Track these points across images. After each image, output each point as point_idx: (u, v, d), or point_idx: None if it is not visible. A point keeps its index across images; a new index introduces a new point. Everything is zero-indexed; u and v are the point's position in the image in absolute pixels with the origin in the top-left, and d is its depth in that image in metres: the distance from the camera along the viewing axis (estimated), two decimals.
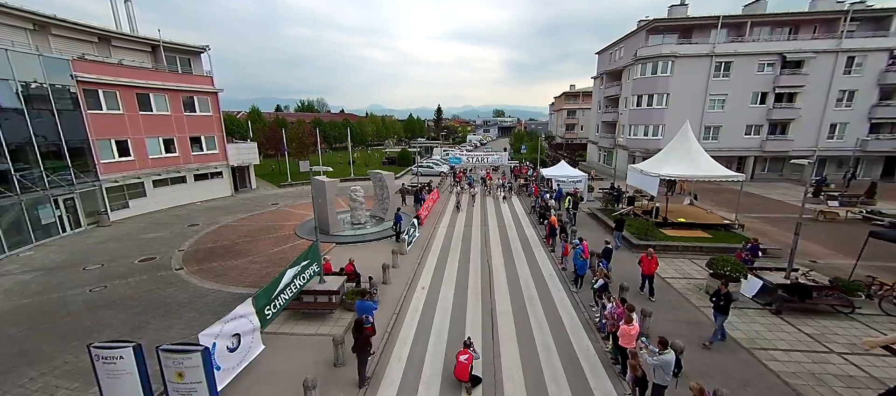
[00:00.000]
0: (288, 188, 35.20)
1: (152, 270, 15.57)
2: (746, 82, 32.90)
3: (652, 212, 20.13)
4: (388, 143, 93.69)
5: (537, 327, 10.84)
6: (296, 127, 47.14)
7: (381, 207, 22.42)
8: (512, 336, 10.34)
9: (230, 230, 21.39)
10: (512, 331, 10.58)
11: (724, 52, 32.47)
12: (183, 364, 6.53)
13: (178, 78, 27.02)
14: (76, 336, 10.62)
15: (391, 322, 11.10)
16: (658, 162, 20.32)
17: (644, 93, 35.19)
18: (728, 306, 9.45)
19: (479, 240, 18.63)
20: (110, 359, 6.57)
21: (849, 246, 16.38)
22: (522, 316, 11.45)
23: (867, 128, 32.78)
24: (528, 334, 10.43)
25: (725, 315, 9.50)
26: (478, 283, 13.70)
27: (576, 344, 9.96)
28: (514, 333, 10.47)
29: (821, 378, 8.43)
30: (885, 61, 31.06)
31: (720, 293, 9.50)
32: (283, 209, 26.67)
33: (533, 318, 11.32)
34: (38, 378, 8.85)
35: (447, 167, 42.40)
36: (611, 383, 8.43)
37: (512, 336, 10.34)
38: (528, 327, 10.81)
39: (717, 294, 9.56)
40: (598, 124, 48.46)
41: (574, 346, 9.89)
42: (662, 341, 7.35)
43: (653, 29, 35.22)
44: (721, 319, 9.55)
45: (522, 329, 10.70)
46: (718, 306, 9.46)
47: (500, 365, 9.02)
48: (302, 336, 10.42)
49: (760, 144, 34.06)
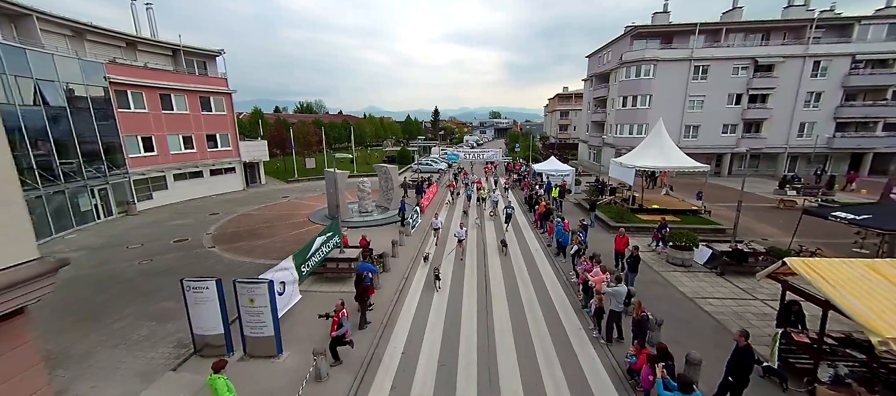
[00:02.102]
0: (294, 183, 37.32)
1: (188, 249, 17.71)
2: (722, 84, 35.54)
3: (629, 200, 22.52)
4: (387, 144, 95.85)
5: (523, 287, 13.09)
6: (301, 127, 49.22)
7: (385, 197, 24.62)
8: (502, 294, 12.51)
9: (248, 218, 23.52)
10: (502, 291, 12.78)
11: (701, 57, 35.09)
12: (254, 292, 8.73)
13: (195, 79, 29.14)
14: (138, 296, 12.76)
15: (400, 285, 13.30)
16: (635, 155, 22.72)
17: (629, 94, 37.73)
18: (636, 265, 12.15)
19: (475, 225, 20.87)
20: (198, 289, 8.77)
21: (812, 231, 18.79)
22: (511, 279, 13.70)
23: (833, 127, 35.49)
24: (516, 293, 12.65)
25: (635, 272, 12.21)
26: (474, 257, 15.93)
27: (553, 297, 12.25)
28: (504, 292, 12.68)
29: (741, 315, 10.79)
30: (848, 65, 33.79)
31: (633, 255, 12.04)
32: (293, 201, 28.81)
33: (520, 281, 13.57)
34: (119, 321, 11.00)
35: (445, 165, 44.70)
36: (578, 319, 10.74)
37: (502, 294, 12.51)
38: (516, 288, 13.05)
39: (632, 256, 12.11)
40: (588, 124, 51.01)
41: (552, 298, 12.17)
42: (617, 277, 9.69)
43: (637, 34, 37.80)
44: (632, 276, 12.07)
45: (511, 289, 12.93)
46: (631, 265, 12.12)
47: (492, 318, 11.10)
48: (327, 293, 12.60)
49: (736, 142, 36.69)
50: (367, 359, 9.07)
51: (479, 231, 19.61)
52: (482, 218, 21.89)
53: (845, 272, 7.49)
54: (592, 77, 48.60)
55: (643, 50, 36.76)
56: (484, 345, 9.60)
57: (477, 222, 21.08)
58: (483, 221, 21.40)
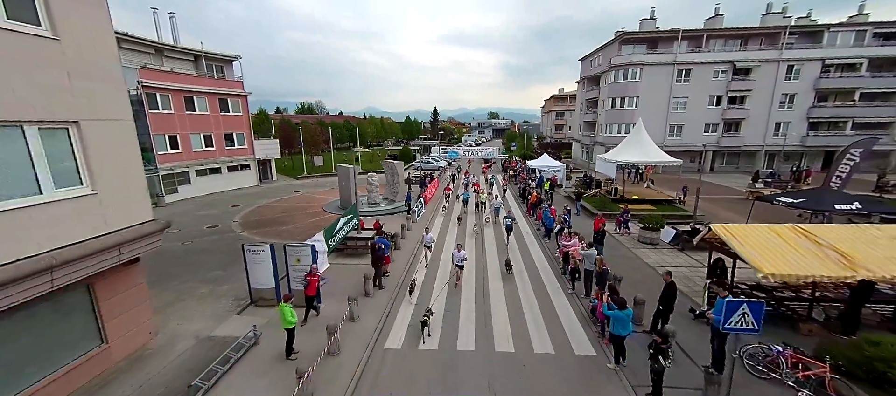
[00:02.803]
0: (304, 179, 39.69)
1: (220, 233, 20.08)
2: (704, 86, 38.14)
3: (613, 191, 25.02)
4: (387, 144, 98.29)
5: (515, 262, 15.49)
6: (308, 128, 51.60)
7: (392, 191, 27.02)
8: (497, 271, 14.78)
9: (268, 209, 25.90)
10: (496, 269, 15.10)
11: (684, 61, 37.68)
12: (300, 254, 11.15)
13: (215, 83, 31.50)
14: (190, 266, 15.14)
15: (409, 260, 15.71)
16: (618, 152, 25.23)
17: (617, 95, 40.29)
18: (602, 238, 14.90)
19: (472, 214, 23.31)
20: (256, 252, 11.18)
21: (763, 215, 21.30)
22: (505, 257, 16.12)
23: (806, 126, 38.13)
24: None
25: (601, 243, 14.85)
26: (472, 241, 18.32)
27: (539, 267, 14.72)
28: (498, 269, 15.01)
29: (689, 277, 13.29)
30: (819, 69, 36.43)
31: (600, 231, 14.61)
32: (305, 194, 31.19)
33: (512, 258, 15.97)
34: (182, 284, 13.39)
35: (445, 163, 47.17)
36: (557, 281, 13.20)
37: (497, 271, 14.78)
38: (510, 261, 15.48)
39: (599, 231, 14.65)
40: (580, 124, 53.56)
41: (538, 268, 14.63)
42: (589, 244, 12.15)
43: (625, 40, 40.37)
44: (599, 246, 14.57)
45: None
46: (598, 239, 14.76)
47: (488, 290, 13.44)
48: (348, 265, 15.00)
49: (717, 141, 39.29)
50: (386, 310, 11.48)
51: (477, 240, 18.06)
52: (480, 225, 19.99)
53: (751, 233, 9.97)
54: (585, 79, 51.17)
55: (631, 54, 39.35)
56: (480, 301, 12.00)
57: (475, 230, 19.20)
58: (481, 229, 19.48)
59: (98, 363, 8.43)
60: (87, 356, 8.21)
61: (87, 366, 8.17)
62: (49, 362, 7.57)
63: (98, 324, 8.53)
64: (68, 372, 7.77)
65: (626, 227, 18.32)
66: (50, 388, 7.39)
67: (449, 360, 9.00)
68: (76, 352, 8.07)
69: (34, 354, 7.33)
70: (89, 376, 8.21)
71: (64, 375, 7.69)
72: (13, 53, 6.33)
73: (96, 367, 8.38)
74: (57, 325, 7.76)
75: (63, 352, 7.83)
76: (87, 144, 7.50)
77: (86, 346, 8.30)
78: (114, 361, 8.75)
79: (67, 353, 7.91)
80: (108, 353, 8.66)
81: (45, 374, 7.43)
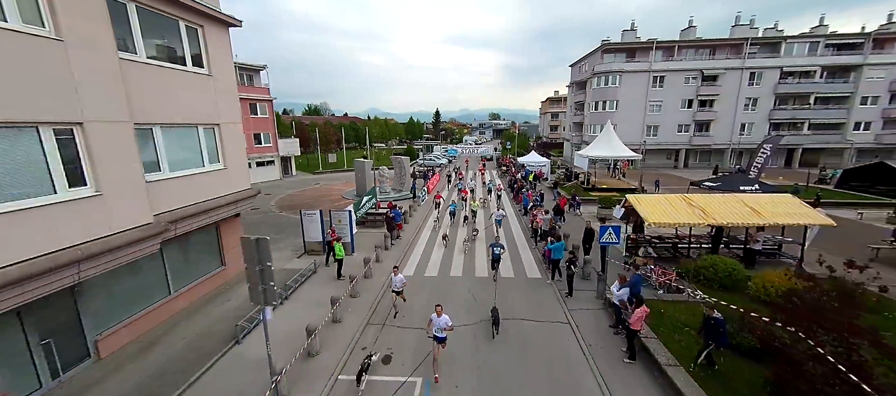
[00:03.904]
0: (320, 175, 44.55)
1: (261, 213, 24.88)
2: (677, 91, 42.70)
3: (586, 181, 29.69)
4: (391, 143, 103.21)
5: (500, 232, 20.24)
6: (322, 128, 56.57)
7: (400, 182, 31.79)
8: (481, 239, 19.62)
9: (295, 197, 30.73)
10: (482, 232, 19.93)
11: (658, 69, 42.27)
12: (340, 216, 15.92)
13: (246, 89, 36.38)
14: (252, 233, 19.94)
15: (416, 232, 20.44)
16: (590, 148, 29.92)
17: (600, 99, 44.91)
18: (560, 212, 19.22)
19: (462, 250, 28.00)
20: (310, 215, 15.96)
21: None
22: (491, 230, 20.87)
23: (768, 127, 42.63)
24: (493, 234, 19.84)
25: (559, 215, 19.21)
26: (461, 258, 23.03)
27: (515, 235, 19.42)
28: (484, 237, 19.79)
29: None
30: (778, 76, 40.94)
31: (559, 207, 19.26)
32: (324, 186, 36.01)
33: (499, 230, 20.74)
34: None
35: (446, 160, 51.98)
36: (526, 242, 17.91)
37: (481, 239, 19.62)
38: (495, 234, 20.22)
39: (557, 206, 19.32)
40: (570, 124, 58.19)
41: (514, 236, 19.33)
42: (548, 212, 16.88)
43: (607, 49, 44.99)
44: (557, 217, 19.22)
45: (491, 236, 20.10)
46: (558, 212, 19.25)
47: (475, 242, 18.29)
48: (371, 233, 19.72)
49: (689, 140, 43.84)
50: (399, 257, 16.22)
51: (467, 258, 16.00)
52: (470, 237, 18.14)
53: (650, 200, 14.68)
54: (574, 84, 55.82)
55: (611, 62, 43.97)
56: (469, 256, 16.72)
57: (466, 246, 17.21)
58: (472, 244, 17.59)
59: (221, 277, 13.23)
60: (216, 272, 13.02)
61: (216, 278, 12.98)
62: (199, 271, 12.38)
63: (220, 253, 13.35)
64: (209, 278, 12.57)
65: (578, 208, 22.84)
66: (201, 286, 12.19)
67: (444, 282, 13.73)
68: (212, 268, 12.89)
69: (194, 264, 12.14)
70: (217, 283, 13.01)
71: (208, 279, 12.50)
72: (197, 85, 11.13)
73: (220, 279, 13.18)
74: (204, 249, 12.58)
75: (208, 265, 12.66)
76: (224, 139, 12.30)
77: (216, 266, 13.11)
78: (228, 277, 13.56)
79: (209, 266, 12.72)
80: (226, 272, 13.47)
81: (199, 278, 12.23)
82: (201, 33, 11.35)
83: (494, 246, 13.62)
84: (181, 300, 11.49)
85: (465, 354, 9.30)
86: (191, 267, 12.14)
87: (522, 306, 11.71)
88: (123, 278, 9.61)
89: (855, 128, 41.22)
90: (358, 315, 11.28)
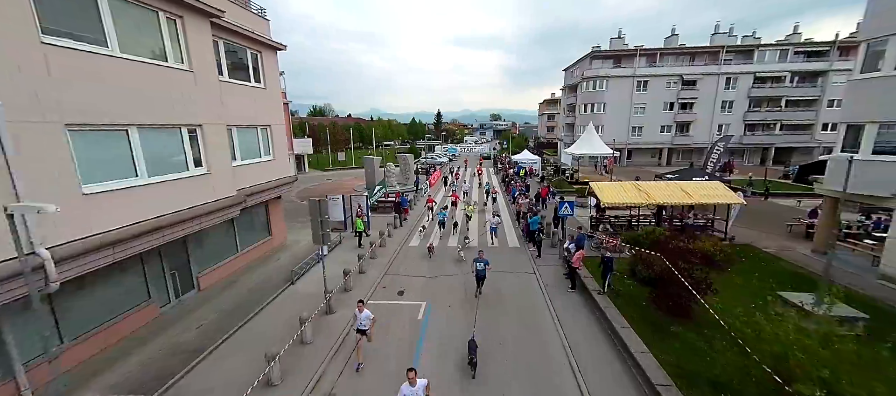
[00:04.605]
0: (330, 171, 48.36)
1: (286, 202, 28.61)
2: (659, 95, 46.29)
3: (570, 176, 33.35)
4: (394, 144, 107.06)
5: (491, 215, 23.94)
6: (333, 129, 60.46)
7: (405, 176, 35.49)
8: (476, 217, 23.38)
9: (312, 190, 34.50)
10: (476, 217, 23.64)
11: (642, 74, 45.87)
12: (359, 201, 19.65)
13: None
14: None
15: (419, 215, 24.17)
16: (574, 147, 33.58)
17: (589, 102, 48.55)
18: (543, 200, 22.79)
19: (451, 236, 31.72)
20: (334, 199, 19.71)
21: None
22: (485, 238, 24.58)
23: (743, 128, 46.16)
24: (485, 214, 23.56)
25: (542, 203, 22.83)
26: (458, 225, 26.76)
27: (503, 218, 23.11)
28: (475, 217, 23.53)
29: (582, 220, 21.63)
30: (751, 81, 44.49)
31: (539, 196, 22.91)
32: (336, 181, 39.80)
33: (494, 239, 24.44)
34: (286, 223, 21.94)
35: (447, 158, 55.75)
36: (511, 222, 21.61)
37: (476, 217, 23.38)
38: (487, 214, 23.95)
39: (537, 193, 22.97)
40: (563, 125, 61.83)
41: (503, 218, 23.03)
42: (529, 198, 20.58)
43: (595, 56, 48.65)
44: (540, 204, 22.87)
45: (484, 217, 23.81)
46: (540, 199, 22.88)
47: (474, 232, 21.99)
48: (382, 216, 23.46)
49: (671, 140, 47.42)
50: (406, 232, 19.93)
51: (460, 271, 14.55)
52: (461, 245, 16.64)
53: (607, 186, 18.37)
54: (566, 87, 59.46)
55: (599, 68, 47.62)
56: (463, 228, 20.43)
57: (461, 254, 15.87)
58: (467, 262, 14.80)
59: (267, 245, 16.98)
60: (265, 240, 16.77)
61: (265, 245, 16.73)
62: (255, 238, 16.14)
63: (268, 226, 17.12)
64: (259, 246, 16.32)
65: (555, 197, 26.49)
66: (255, 250, 15.95)
67: (440, 253, 17.43)
68: (263, 236, 16.66)
69: (252, 232, 15.90)
70: (266, 249, 16.76)
71: (260, 245, 16.26)
72: (257, 96, 14.90)
73: (267, 247, 16.93)
74: (258, 222, 16.36)
75: (258, 234, 16.43)
76: (274, 137, 16.05)
77: (264, 236, 16.88)
78: (273, 246, 17.32)
79: (256, 237, 16.47)
80: (271, 241, 17.23)
81: (255, 243, 16.00)
82: (261, 57, 15.11)
83: (478, 260, 11.79)
84: (244, 258, 15.24)
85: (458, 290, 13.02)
86: (250, 234, 15.90)
87: (505, 264, 15.36)
88: (212, 236, 13.36)
89: (823, 128, 44.67)
90: (377, 269, 15.02)
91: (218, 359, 9.35)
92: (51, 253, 7.09)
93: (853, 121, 13.25)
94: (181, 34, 10.35)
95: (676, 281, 9.53)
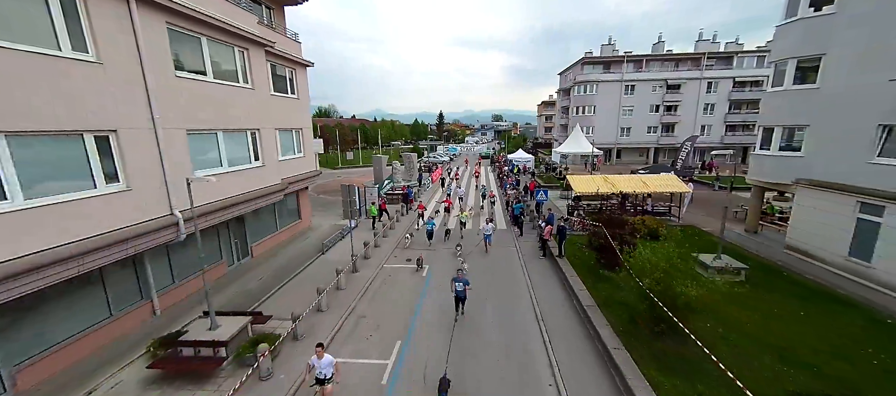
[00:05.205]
0: (339, 170, 52.02)
1: None
2: (645, 98, 49.64)
3: (559, 173, 36.82)
4: (398, 144, 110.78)
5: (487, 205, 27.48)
6: (341, 130, 64.22)
7: (408, 174, 39.09)
8: (470, 223, 26.92)
9: (326, 185, 38.16)
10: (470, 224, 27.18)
11: (630, 79, 49.25)
12: (372, 192, 23.25)
13: None
14: None
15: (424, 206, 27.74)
16: (563, 146, 37.05)
17: (580, 105, 51.97)
18: (531, 193, 26.24)
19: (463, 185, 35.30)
20: (351, 190, 23.33)
21: None
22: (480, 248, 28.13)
23: (724, 129, 49.43)
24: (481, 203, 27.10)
25: (530, 195, 26.28)
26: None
27: (497, 205, 26.68)
28: (470, 205, 27.07)
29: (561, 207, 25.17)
30: (731, 85, 47.79)
31: (527, 188, 26.39)
32: (345, 178, 43.41)
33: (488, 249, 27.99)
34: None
35: (448, 157, 59.36)
36: (503, 214, 25.16)
37: (470, 223, 26.92)
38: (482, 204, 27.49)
39: (525, 186, 26.45)
40: (558, 126, 65.26)
41: (496, 207, 26.59)
42: (517, 188, 24.12)
43: (586, 62, 52.06)
44: (528, 195, 26.33)
45: (479, 205, 27.35)
46: (527, 191, 26.36)
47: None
48: (390, 206, 27.05)
49: (657, 140, 50.77)
50: (413, 221, 23.49)
51: None
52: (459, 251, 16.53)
53: (580, 178, 21.88)
54: (561, 91, 62.89)
55: (590, 73, 51.03)
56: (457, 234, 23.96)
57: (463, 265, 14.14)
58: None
59: (297, 227, 20.60)
60: (295, 223, 20.39)
61: (295, 227, 20.35)
62: (288, 221, 19.76)
63: (298, 210, 20.75)
64: (291, 227, 19.93)
65: (539, 191, 30.10)
66: (288, 230, 19.56)
67: (439, 233, 20.98)
68: (293, 220, 20.29)
69: (286, 215, 19.52)
70: (295, 232, 20.37)
71: (292, 226, 19.88)
72: (293, 105, 18.51)
73: (297, 228, 20.55)
74: (291, 207, 19.99)
75: (292, 218, 20.05)
76: (304, 138, 19.66)
77: (295, 219, 20.51)
78: (302, 227, 20.95)
79: (290, 220, 20.08)
80: (300, 224, 20.86)
81: (288, 224, 19.61)
82: (295, 73, 18.74)
83: (457, 280, 10.70)
84: (282, 235, 18.86)
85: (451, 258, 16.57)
86: (286, 217, 19.52)
87: (495, 241, 18.88)
88: (261, 215, 16.99)
89: None
90: (389, 244, 18.60)
91: (280, 297, 12.97)
92: (181, 214, 10.73)
93: (766, 124, 16.66)
94: (247, 62, 13.98)
95: (609, 245, 13.05)
